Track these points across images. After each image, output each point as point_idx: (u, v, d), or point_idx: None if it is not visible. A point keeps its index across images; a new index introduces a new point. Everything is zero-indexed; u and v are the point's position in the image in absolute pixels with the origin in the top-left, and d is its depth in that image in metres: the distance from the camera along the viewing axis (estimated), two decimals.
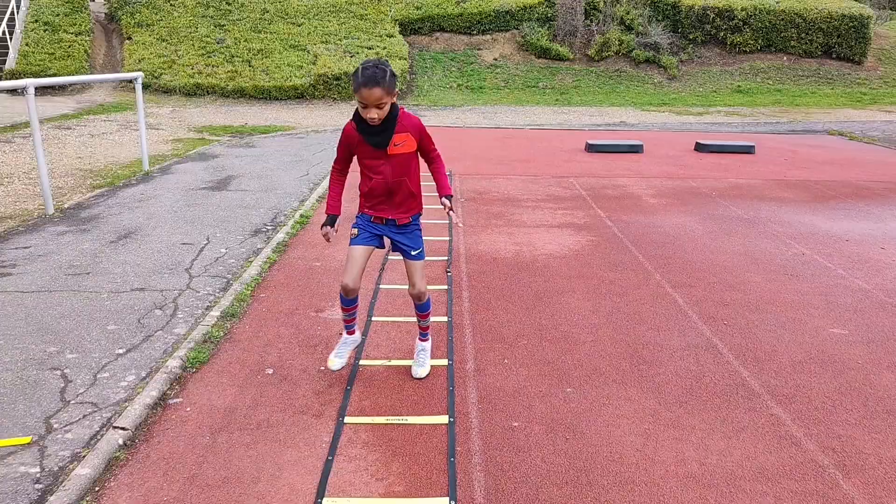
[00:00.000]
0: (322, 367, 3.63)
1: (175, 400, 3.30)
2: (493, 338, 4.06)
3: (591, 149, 11.09)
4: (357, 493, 2.65)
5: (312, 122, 14.69)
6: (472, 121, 15.35)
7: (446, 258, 5.49)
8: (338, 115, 15.98)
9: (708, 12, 22.21)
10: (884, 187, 8.79)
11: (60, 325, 4.04)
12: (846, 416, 3.27)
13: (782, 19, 22.04)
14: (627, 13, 22.71)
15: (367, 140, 3.07)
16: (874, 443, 3.05)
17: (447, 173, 3.42)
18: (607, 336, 4.11)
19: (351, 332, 3.47)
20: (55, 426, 3.02)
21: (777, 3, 22.31)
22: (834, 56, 22.58)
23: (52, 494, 2.56)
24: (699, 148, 11.34)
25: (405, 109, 3.14)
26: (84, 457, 2.79)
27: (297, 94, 18.17)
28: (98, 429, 3.00)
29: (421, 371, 3.54)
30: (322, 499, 2.60)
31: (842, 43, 22.26)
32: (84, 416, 3.10)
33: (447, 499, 2.61)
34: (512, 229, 6.44)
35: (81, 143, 11.14)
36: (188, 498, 2.60)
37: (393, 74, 2.91)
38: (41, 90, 17.01)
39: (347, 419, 3.15)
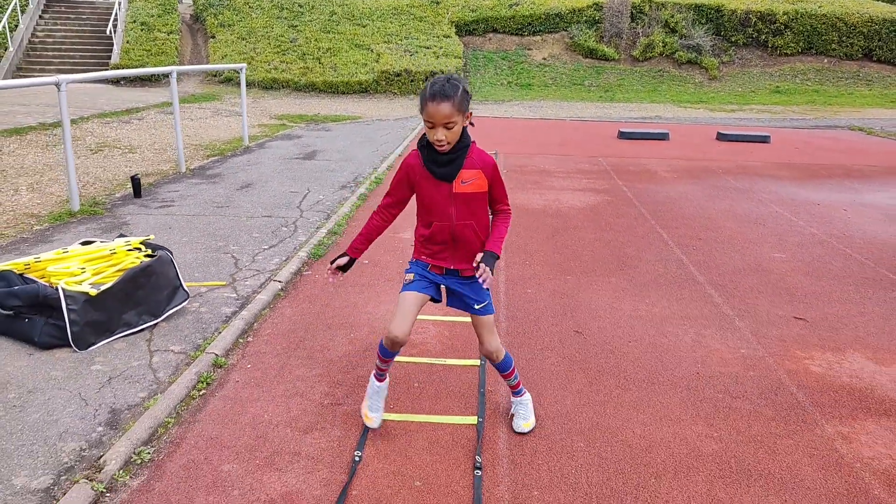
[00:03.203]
0: (399, 261, 5.32)
1: (307, 272, 5.05)
2: (519, 251, 5.69)
3: (623, 136, 12.57)
4: (426, 314, 4.32)
5: (377, 113, 16.52)
6: (518, 113, 16.94)
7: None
8: (399, 108, 17.78)
9: (750, 16, 23.25)
10: (874, 170, 10.04)
11: (220, 232, 5.85)
12: (756, 295, 4.79)
13: (824, 23, 22.90)
14: (672, 16, 23.91)
15: (430, 171, 2.63)
16: (769, 305, 4.58)
17: (505, 233, 2.88)
18: (603, 252, 5.70)
19: (381, 380, 2.93)
20: (237, 279, 4.79)
21: (819, 6, 23.18)
22: (875, 59, 23.32)
23: (248, 304, 4.32)
24: (720, 137, 12.69)
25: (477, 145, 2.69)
26: (260, 292, 4.55)
27: (362, 89, 20.07)
28: (264, 281, 4.77)
29: (524, 424, 2.99)
30: None
31: (882, 46, 22.99)
32: (253, 275, 4.87)
33: None
34: (543, 191, 8.05)
35: (184, 124, 13.15)
36: (326, 313, 4.32)
37: (466, 92, 2.50)
38: (140, 81, 19.35)
39: None
